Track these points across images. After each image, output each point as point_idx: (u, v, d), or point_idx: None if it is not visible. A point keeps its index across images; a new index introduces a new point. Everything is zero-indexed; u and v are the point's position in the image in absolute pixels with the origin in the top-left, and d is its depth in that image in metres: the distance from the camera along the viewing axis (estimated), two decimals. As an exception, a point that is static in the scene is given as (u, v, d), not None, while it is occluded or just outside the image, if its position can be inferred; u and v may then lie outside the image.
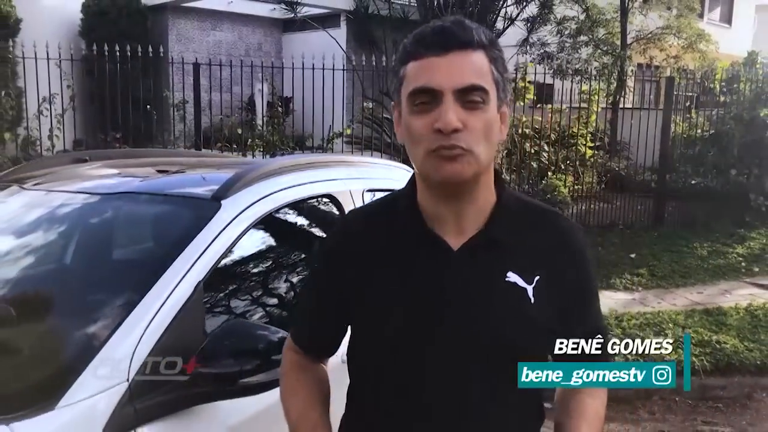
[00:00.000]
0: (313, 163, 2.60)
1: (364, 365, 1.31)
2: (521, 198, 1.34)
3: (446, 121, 1.12)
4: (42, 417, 1.39)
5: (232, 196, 2.03)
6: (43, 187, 2.31)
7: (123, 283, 1.78)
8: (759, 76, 10.49)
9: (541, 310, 1.22)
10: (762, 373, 4.76)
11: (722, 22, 22.73)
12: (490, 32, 1.21)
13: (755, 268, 7.61)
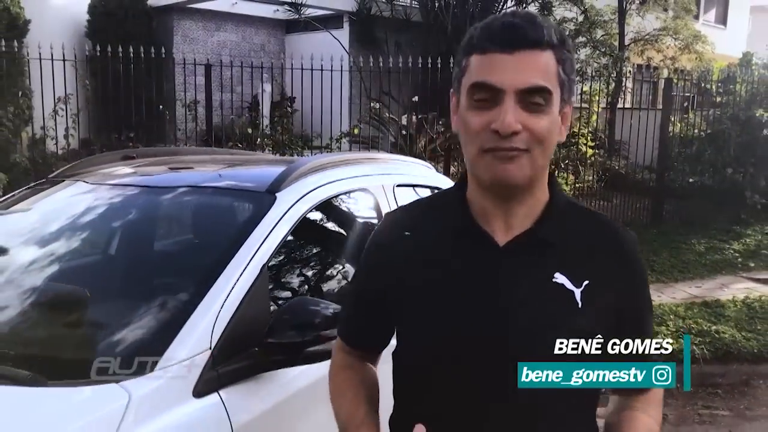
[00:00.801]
0: (348, 160, 2.83)
1: (409, 362, 1.29)
2: (573, 201, 1.32)
3: (505, 124, 1.10)
4: (145, 377, 1.61)
5: (284, 189, 2.26)
6: (110, 182, 2.53)
7: (199, 266, 2.00)
8: (754, 77, 10.75)
9: (588, 315, 1.19)
10: (759, 361, 5.00)
11: (717, 23, 23.02)
12: (562, 30, 1.18)
13: (751, 264, 7.86)
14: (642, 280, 1.28)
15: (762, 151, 9.67)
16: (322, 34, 13.77)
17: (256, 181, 2.42)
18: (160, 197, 2.37)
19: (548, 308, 1.18)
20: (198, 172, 2.63)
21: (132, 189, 2.43)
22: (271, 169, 2.60)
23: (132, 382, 1.58)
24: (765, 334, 5.28)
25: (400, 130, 10.10)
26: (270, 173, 2.39)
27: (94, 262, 2.21)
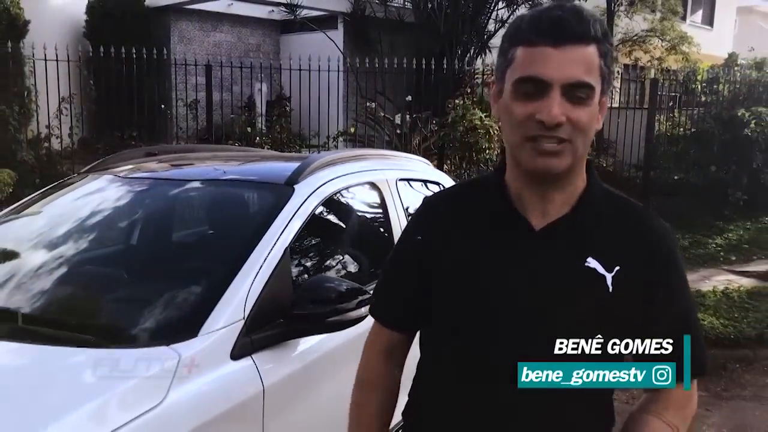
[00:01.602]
0: (356, 156, 3.11)
1: (436, 337, 1.33)
2: (610, 190, 1.35)
3: (552, 116, 1.14)
4: (190, 341, 1.88)
5: (301, 182, 2.53)
6: (144, 176, 2.80)
7: (231, 249, 2.26)
8: (737, 78, 11.09)
9: (618, 300, 1.21)
10: (735, 346, 5.30)
11: (704, 24, 23.34)
12: (603, 22, 1.21)
13: (732, 257, 8.18)
14: (675, 271, 1.28)
15: (744, 149, 9.95)
16: (316, 34, 14.01)
17: (274, 174, 2.69)
18: (192, 189, 2.66)
19: (579, 292, 1.21)
20: (221, 167, 2.90)
21: (165, 182, 2.71)
22: (286, 164, 2.88)
23: (180, 345, 1.85)
24: (741, 322, 5.59)
25: (395, 129, 10.37)
26: (286, 168, 2.67)
27: (140, 245, 2.49)
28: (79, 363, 1.77)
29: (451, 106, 9.12)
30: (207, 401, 1.83)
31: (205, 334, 1.92)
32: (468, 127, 8.69)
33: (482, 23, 14.38)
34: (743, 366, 5.17)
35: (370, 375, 1.42)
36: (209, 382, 1.85)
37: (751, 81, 11.03)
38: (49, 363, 1.78)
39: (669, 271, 1.26)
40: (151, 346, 1.84)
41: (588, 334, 1.21)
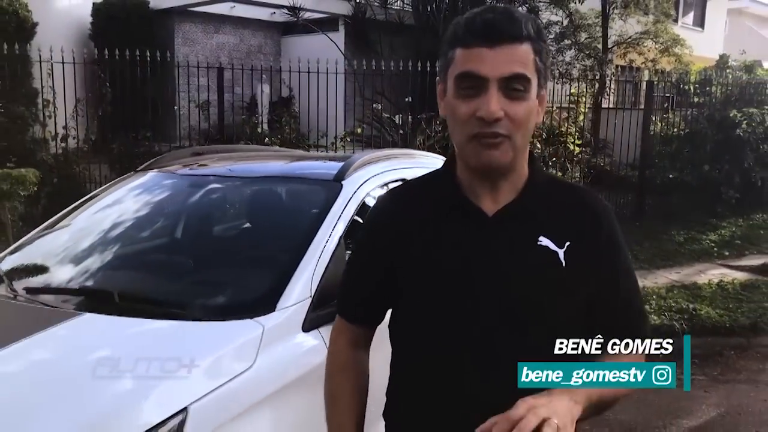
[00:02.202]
0: (388, 155, 3.39)
1: (405, 328, 1.40)
2: (551, 175, 1.48)
3: (489, 111, 1.22)
4: (270, 315, 2.17)
5: (347, 178, 2.82)
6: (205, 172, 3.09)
7: (295, 237, 2.55)
8: (728, 80, 11.44)
9: (572, 272, 1.30)
10: (730, 334, 5.62)
11: (695, 26, 23.74)
12: (538, 21, 1.29)
13: (726, 252, 8.52)
14: (617, 241, 1.38)
15: (736, 149, 10.25)
16: (317, 36, 14.26)
17: (322, 172, 2.99)
18: (253, 184, 2.95)
19: (536, 268, 1.30)
20: (273, 165, 3.20)
21: (227, 178, 3.01)
22: (326, 163, 3.19)
23: (262, 318, 2.15)
24: (735, 311, 5.91)
25: (398, 130, 10.65)
26: (329, 166, 2.97)
27: (216, 234, 2.79)
28: (184, 333, 2.07)
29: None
30: (286, 366, 2.12)
31: (281, 309, 2.21)
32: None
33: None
34: (738, 352, 5.50)
35: (341, 362, 1.49)
36: (287, 349, 2.15)
37: (742, 83, 11.39)
38: (160, 333, 2.07)
39: (610, 247, 1.36)
40: (239, 319, 2.13)
41: (548, 306, 1.29)
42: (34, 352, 1.97)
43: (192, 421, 1.75)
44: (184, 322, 2.13)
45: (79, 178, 8.73)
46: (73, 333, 2.05)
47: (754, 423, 4.24)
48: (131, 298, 2.30)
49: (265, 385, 2.02)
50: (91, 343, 2.04)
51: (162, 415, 1.71)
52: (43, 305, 2.30)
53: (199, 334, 2.07)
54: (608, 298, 1.35)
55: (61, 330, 2.04)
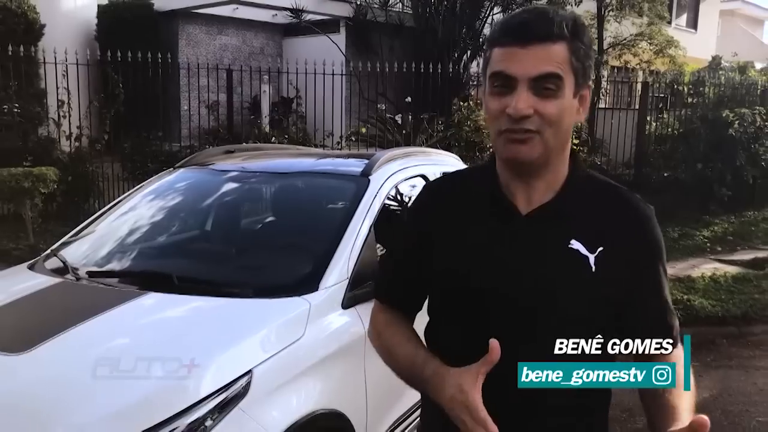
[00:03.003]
0: (407, 153, 3.67)
1: (433, 310, 1.44)
2: (596, 176, 1.42)
3: (517, 109, 1.23)
4: (314, 294, 2.46)
5: (374, 173, 3.10)
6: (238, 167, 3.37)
7: (331, 226, 2.83)
8: (721, 80, 11.76)
9: (601, 279, 1.28)
10: (722, 323, 5.92)
11: (688, 27, 24.03)
12: (577, 21, 1.28)
13: (718, 248, 8.83)
14: (656, 247, 1.35)
15: (728, 148, 10.54)
16: (318, 37, 14.52)
17: (350, 168, 3.28)
18: (289, 178, 3.25)
19: (563, 271, 1.28)
20: (303, 162, 3.49)
21: (264, 174, 3.30)
22: (351, 160, 3.47)
23: (308, 296, 2.43)
24: (728, 303, 6.21)
25: (400, 130, 10.93)
26: (355, 163, 3.26)
27: (260, 223, 3.08)
28: (243, 308, 2.36)
29: (456, 107, 9.69)
30: (329, 338, 2.41)
31: (323, 288, 2.50)
32: (473, 128, 9.27)
33: (478, 28, 14.97)
34: (729, 341, 5.79)
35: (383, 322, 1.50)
36: (330, 323, 2.44)
37: (734, 84, 11.71)
38: (222, 308, 2.36)
39: (651, 251, 1.34)
40: (289, 297, 2.41)
41: (573, 310, 1.28)
42: (118, 322, 2.25)
43: (256, 381, 2.03)
44: (241, 299, 2.41)
45: (92, 176, 8.98)
46: (145, 308, 2.33)
47: (744, 403, 4.53)
48: (190, 280, 2.58)
49: (314, 352, 2.31)
50: (164, 316, 2.33)
51: (233, 375, 1.99)
52: (109, 286, 2.58)
53: (256, 308, 2.36)
54: (643, 306, 1.34)
55: (134, 305, 2.32)
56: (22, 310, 2.41)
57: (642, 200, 1.39)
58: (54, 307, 2.45)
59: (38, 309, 2.45)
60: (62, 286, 2.59)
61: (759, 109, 11.01)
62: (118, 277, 2.71)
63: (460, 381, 1.21)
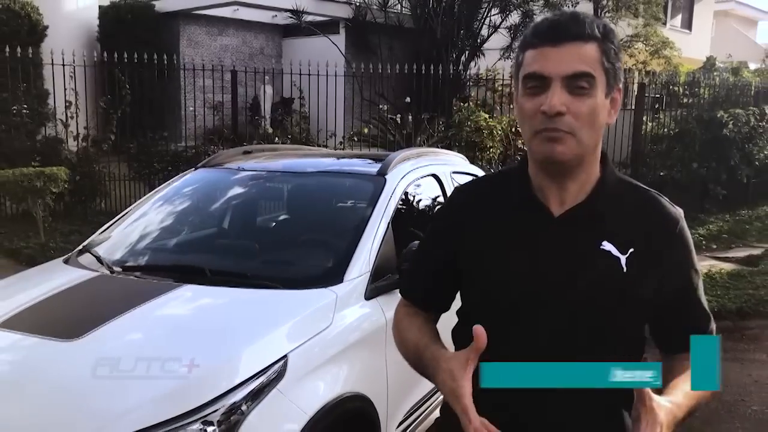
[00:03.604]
0: (419, 153, 3.83)
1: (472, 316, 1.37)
2: (625, 178, 1.44)
3: (551, 105, 1.24)
4: (339, 285, 2.62)
5: (390, 173, 3.26)
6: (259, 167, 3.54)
7: (352, 223, 2.99)
8: (716, 81, 11.98)
9: (632, 280, 1.30)
10: (718, 318, 5.95)
11: (683, 28, 24.25)
12: (606, 24, 1.31)
13: (714, 246, 9.02)
14: (685, 248, 1.37)
15: (722, 148, 10.75)
16: (317, 38, 14.69)
17: (366, 167, 3.45)
18: (310, 177, 3.42)
19: (595, 273, 1.30)
20: (322, 162, 3.66)
21: (285, 174, 3.47)
22: (366, 161, 3.64)
23: (334, 288, 2.60)
24: (724, 298, 6.41)
25: (400, 129, 11.08)
26: (371, 163, 3.42)
27: (286, 220, 3.25)
28: (275, 298, 2.53)
29: (457, 108, 9.86)
30: (354, 327, 2.57)
31: (348, 280, 2.66)
32: (474, 128, 9.44)
33: (476, 29, 15.15)
34: (725, 335, 5.97)
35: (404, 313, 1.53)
36: (353, 313, 2.60)
37: (729, 85, 11.92)
38: (255, 298, 2.53)
39: (680, 252, 1.37)
40: (316, 288, 2.57)
41: (605, 310, 1.30)
42: (161, 311, 2.41)
43: (291, 365, 2.19)
44: (272, 290, 2.58)
45: (98, 176, 9.13)
46: (184, 298, 2.50)
47: (740, 393, 4.71)
48: (222, 273, 2.74)
49: (340, 340, 2.47)
50: (203, 305, 2.50)
51: (271, 359, 2.15)
52: (146, 279, 2.74)
53: (287, 299, 2.53)
54: (677, 305, 1.37)
55: (173, 296, 2.48)
56: (68, 301, 2.57)
57: (671, 203, 1.41)
58: (97, 297, 2.61)
59: (83, 299, 2.61)
60: (101, 279, 2.74)
61: (753, 110, 11.23)
62: (151, 271, 2.86)
63: (450, 366, 1.23)
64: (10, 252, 7.52)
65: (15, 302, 2.52)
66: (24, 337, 2.26)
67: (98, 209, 9.29)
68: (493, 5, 14.69)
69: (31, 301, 2.51)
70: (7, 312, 2.42)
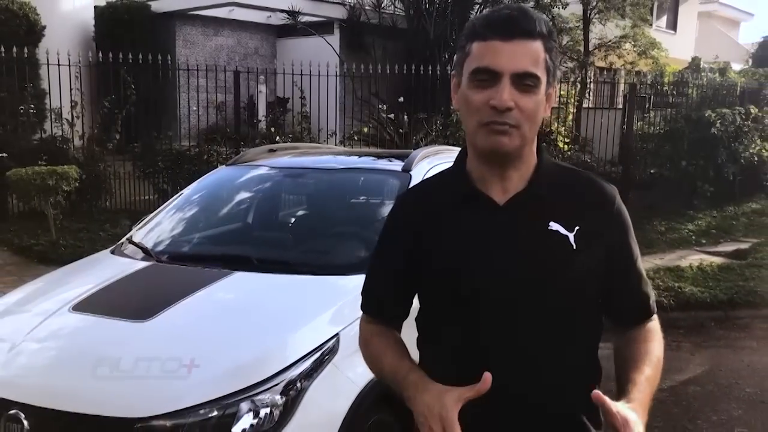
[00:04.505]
0: (438, 151, 4.07)
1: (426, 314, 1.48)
2: (559, 163, 1.51)
3: (502, 100, 1.27)
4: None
5: (413, 169, 3.50)
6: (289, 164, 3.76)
7: (379, 215, 3.23)
8: (704, 81, 12.32)
9: (582, 254, 1.36)
10: (711, 308, 6.39)
11: (668, 29, 24.68)
12: (549, 22, 1.35)
13: (703, 240, 9.33)
14: (624, 222, 1.45)
15: (710, 147, 11.06)
16: (311, 38, 14.87)
17: (390, 164, 3.68)
18: (340, 173, 3.65)
19: (547, 252, 1.35)
20: (347, 159, 3.89)
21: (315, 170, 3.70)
22: (389, 159, 3.87)
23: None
24: (715, 289, 6.68)
25: (397, 129, 11.30)
26: (393, 161, 3.66)
27: (319, 212, 3.49)
28: (322, 283, 2.76)
29: (454, 108, 10.08)
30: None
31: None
32: (471, 127, 9.68)
33: (467, 30, 15.37)
34: (717, 324, 6.27)
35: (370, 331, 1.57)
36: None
37: (715, 85, 12.27)
38: (305, 283, 2.76)
39: (620, 226, 1.43)
40: (359, 274, 2.79)
41: (563, 290, 1.35)
42: (221, 294, 2.63)
43: (342, 342, 2.42)
44: (314, 276, 2.80)
45: (103, 174, 9.28)
46: (239, 283, 2.72)
47: (734, 377, 4.99)
48: (267, 261, 2.96)
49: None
50: (258, 289, 2.72)
51: (326, 336, 2.38)
52: (195, 267, 2.95)
53: (332, 284, 2.76)
54: (621, 277, 1.44)
55: (228, 281, 2.70)
56: (130, 287, 2.78)
57: (605, 181, 1.48)
58: (157, 283, 2.82)
59: (144, 285, 2.82)
60: (155, 268, 2.96)
61: (739, 109, 11.56)
62: (198, 260, 3.08)
63: (443, 395, 1.24)
64: (21, 249, 7.67)
65: (79, 289, 2.73)
66: (99, 319, 2.48)
67: (103, 207, 9.44)
68: (485, 6, 14.94)
69: (94, 287, 2.72)
70: (75, 297, 2.63)
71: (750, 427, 4.07)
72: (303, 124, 10.05)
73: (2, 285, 6.54)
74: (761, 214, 11.22)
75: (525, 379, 1.33)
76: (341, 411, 2.31)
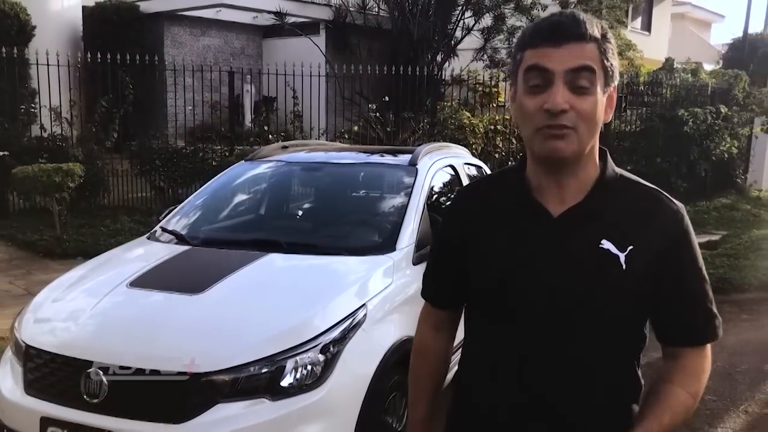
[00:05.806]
0: (439, 147, 4.46)
1: (470, 317, 1.50)
2: (625, 175, 1.42)
3: (555, 102, 1.25)
4: (394, 252, 3.22)
5: (419, 163, 3.88)
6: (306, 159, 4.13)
7: (397, 205, 3.60)
8: (677, 82, 12.87)
9: (632, 277, 1.30)
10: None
11: (643, 30, 25.32)
12: (603, 24, 1.31)
13: (677, 233, 9.86)
14: (684, 242, 1.35)
15: (683, 144, 11.61)
16: (297, 39, 15.18)
17: (399, 159, 4.06)
18: (354, 167, 4.03)
19: (595, 271, 1.30)
20: (359, 154, 4.27)
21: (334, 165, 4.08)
22: (395, 154, 4.26)
23: (390, 254, 3.21)
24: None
25: (384, 128, 11.66)
26: (401, 156, 4.04)
27: (345, 202, 3.88)
28: (349, 263, 3.13)
29: (440, 107, 10.50)
30: (407, 285, 3.18)
31: (399, 249, 3.27)
32: (457, 126, 10.11)
33: (450, 30, 15.81)
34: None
35: (424, 345, 1.63)
36: (406, 276, 3.20)
37: (688, 85, 12.82)
38: (334, 262, 3.14)
39: (680, 246, 1.34)
40: (377, 255, 3.18)
41: (604, 310, 1.31)
42: (261, 271, 3.00)
43: (370, 312, 2.80)
44: (341, 256, 3.18)
45: (101, 172, 9.54)
46: (276, 263, 3.09)
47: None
48: (297, 244, 3.33)
49: (399, 295, 3.08)
50: (293, 268, 3.09)
51: (356, 305, 2.76)
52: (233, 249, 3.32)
53: (357, 262, 3.13)
54: (672, 301, 1.35)
55: (266, 260, 3.07)
56: (177, 266, 3.13)
57: (671, 198, 1.40)
58: (201, 263, 3.17)
59: (188, 265, 3.16)
60: (195, 251, 3.31)
61: (710, 109, 12.13)
62: (230, 244, 3.43)
63: None
64: (25, 244, 7.92)
65: (130, 268, 3.07)
66: (157, 293, 2.83)
67: (102, 204, 9.70)
68: (466, 8, 15.35)
69: (144, 267, 3.06)
70: (129, 276, 2.97)
71: (719, 395, 4.51)
72: (296, 123, 10.37)
73: (12, 278, 6.82)
74: (731, 208, 11.82)
75: (559, 391, 1.33)
76: (371, 370, 2.69)
